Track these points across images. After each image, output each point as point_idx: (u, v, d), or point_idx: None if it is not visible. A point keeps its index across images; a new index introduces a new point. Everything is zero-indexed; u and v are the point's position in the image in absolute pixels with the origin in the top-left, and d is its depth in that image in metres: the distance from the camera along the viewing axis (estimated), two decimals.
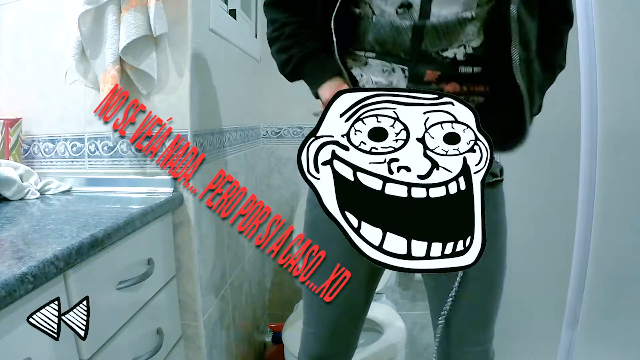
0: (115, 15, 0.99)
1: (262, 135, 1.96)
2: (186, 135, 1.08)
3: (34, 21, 1.14)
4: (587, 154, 0.82)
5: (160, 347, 0.94)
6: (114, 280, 0.81)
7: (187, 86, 1.07)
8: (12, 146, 1.11)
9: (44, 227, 0.76)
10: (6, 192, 0.97)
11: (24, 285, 0.55)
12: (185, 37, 1.06)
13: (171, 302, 1.08)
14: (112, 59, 0.99)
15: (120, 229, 0.80)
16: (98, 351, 0.74)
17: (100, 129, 1.11)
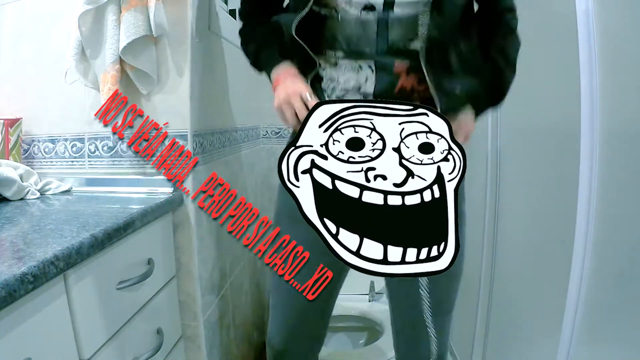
0: (115, 15, 0.99)
1: (262, 135, 1.96)
2: (186, 135, 1.08)
3: (34, 21, 1.14)
4: (587, 154, 0.82)
5: (160, 347, 0.94)
6: (114, 280, 0.81)
7: (187, 86, 1.07)
8: (12, 146, 1.11)
9: (44, 227, 0.76)
10: (6, 192, 0.97)
11: (24, 285, 0.55)
12: (185, 37, 1.06)
13: (171, 302, 1.08)
14: (112, 59, 0.99)
15: (120, 229, 0.80)
16: (98, 351, 0.74)
17: (100, 129, 1.11)
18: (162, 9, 1.01)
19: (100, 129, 1.11)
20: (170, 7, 1.04)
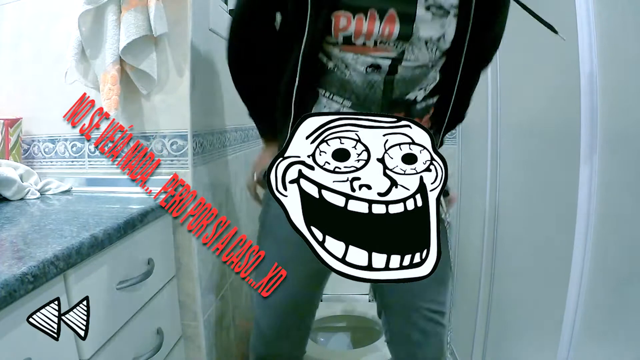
0: (115, 15, 0.99)
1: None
2: (186, 135, 1.08)
3: (34, 21, 1.14)
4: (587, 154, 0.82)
5: (160, 347, 0.94)
6: (114, 280, 0.81)
7: (187, 86, 1.07)
8: (12, 146, 1.11)
9: (44, 227, 0.76)
10: (6, 192, 0.97)
11: (24, 285, 0.55)
12: (185, 37, 1.06)
13: (171, 302, 1.08)
14: (112, 58, 0.99)
15: (120, 229, 0.80)
16: (98, 351, 0.74)
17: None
18: (162, 9, 1.01)
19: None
20: (170, 7, 1.04)
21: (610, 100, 0.79)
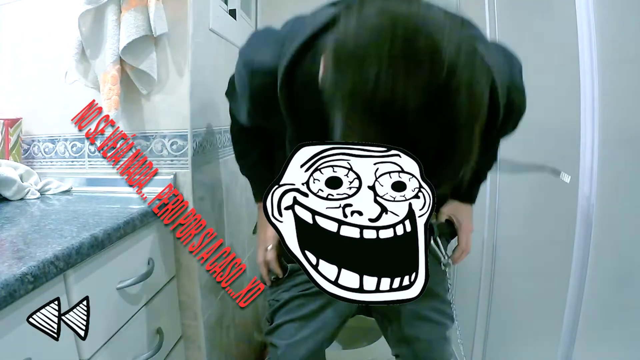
0: (115, 15, 0.99)
1: None
2: (186, 135, 1.08)
3: (33, 21, 1.14)
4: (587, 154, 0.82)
5: (160, 347, 0.94)
6: (114, 280, 0.81)
7: (187, 86, 1.07)
8: (12, 146, 1.11)
9: (44, 227, 0.76)
10: (6, 192, 0.97)
11: (24, 285, 0.55)
12: (185, 37, 1.06)
13: (171, 302, 1.08)
14: (112, 58, 0.99)
15: (120, 229, 0.80)
16: (98, 351, 0.74)
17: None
18: (162, 9, 1.01)
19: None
20: (170, 7, 1.04)
21: (610, 100, 0.79)
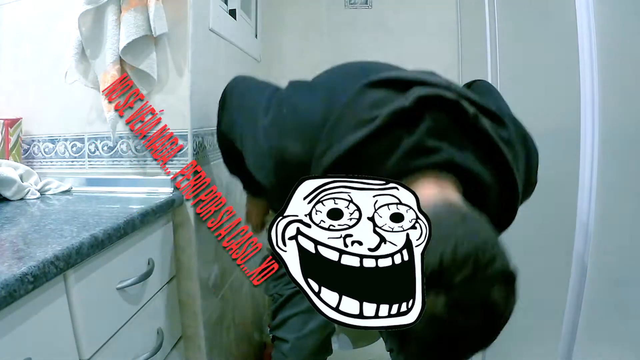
0: (115, 15, 0.99)
1: None
2: (186, 135, 1.08)
3: (33, 21, 1.14)
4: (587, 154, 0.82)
5: (160, 347, 0.93)
6: (114, 280, 0.81)
7: (187, 86, 1.07)
8: (12, 146, 1.11)
9: (44, 227, 0.76)
10: (6, 192, 0.97)
11: (24, 285, 0.55)
12: (185, 37, 1.06)
13: (171, 302, 1.08)
14: (112, 58, 0.99)
15: (120, 229, 0.80)
16: (98, 351, 0.74)
17: (100, 129, 1.11)
18: (162, 9, 1.01)
19: (100, 128, 1.11)
20: (170, 7, 1.04)
21: (610, 100, 0.79)
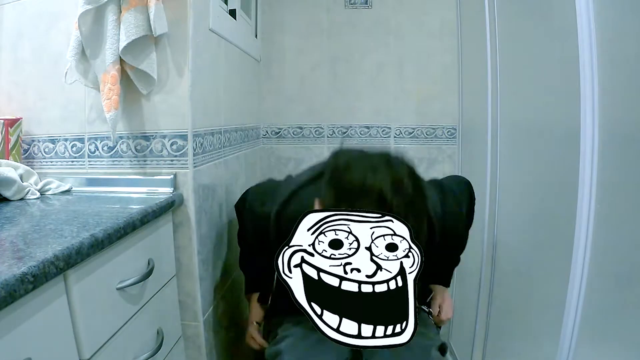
0: (115, 15, 0.99)
1: (262, 135, 1.96)
2: (186, 135, 1.08)
3: (33, 21, 1.14)
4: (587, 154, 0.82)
5: (160, 347, 0.94)
6: (114, 280, 0.81)
7: (187, 86, 1.07)
8: (12, 146, 1.11)
9: (44, 227, 0.76)
10: (6, 192, 0.97)
11: (24, 285, 0.55)
12: (185, 37, 1.06)
13: (171, 302, 1.08)
14: (112, 58, 0.99)
15: (120, 229, 0.80)
16: (98, 351, 0.74)
17: (100, 129, 1.11)
18: (162, 9, 1.01)
19: (100, 128, 1.11)
20: (170, 7, 1.04)
21: (610, 100, 0.79)
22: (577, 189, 0.84)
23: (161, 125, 1.09)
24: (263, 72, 1.92)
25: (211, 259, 1.24)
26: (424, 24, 1.92)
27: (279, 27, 1.94)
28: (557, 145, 0.98)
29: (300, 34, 1.93)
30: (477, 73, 1.57)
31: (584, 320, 0.85)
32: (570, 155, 0.86)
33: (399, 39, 1.92)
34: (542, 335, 1.01)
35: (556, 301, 0.90)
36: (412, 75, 1.93)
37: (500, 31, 1.33)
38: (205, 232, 1.19)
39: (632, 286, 0.73)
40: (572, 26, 0.86)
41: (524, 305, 1.17)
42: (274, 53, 1.94)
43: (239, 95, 1.58)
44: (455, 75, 1.90)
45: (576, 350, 0.86)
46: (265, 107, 1.95)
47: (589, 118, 0.82)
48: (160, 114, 1.09)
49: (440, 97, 1.93)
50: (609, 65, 0.79)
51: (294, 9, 1.94)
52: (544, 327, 1.00)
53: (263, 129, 1.97)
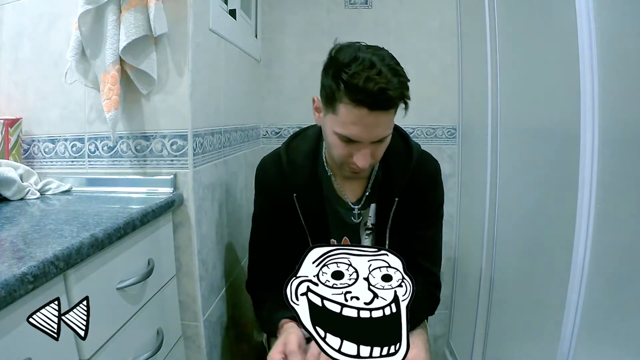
0: (115, 15, 0.99)
1: (262, 135, 1.96)
2: (186, 135, 1.08)
3: (34, 21, 1.14)
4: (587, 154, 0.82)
5: (160, 347, 0.94)
6: (114, 280, 0.81)
7: (187, 86, 1.07)
8: (12, 146, 1.11)
9: (44, 227, 0.76)
10: (6, 192, 0.97)
11: (24, 285, 0.55)
12: (185, 37, 1.07)
13: (171, 302, 1.08)
14: (112, 58, 0.99)
15: (120, 229, 0.80)
16: (98, 351, 0.74)
17: (100, 129, 1.11)
18: (162, 9, 1.01)
19: (100, 128, 1.11)
20: (170, 7, 1.04)
21: (610, 100, 0.79)
22: (577, 189, 0.84)
23: (161, 125, 1.09)
24: (263, 72, 1.92)
25: (211, 259, 1.24)
26: (424, 24, 1.92)
27: (279, 27, 1.94)
28: (557, 145, 0.98)
29: (300, 34, 1.93)
30: (477, 73, 1.57)
31: (584, 320, 0.85)
32: (570, 155, 0.86)
33: (399, 39, 1.92)
34: (542, 336, 1.01)
35: (556, 301, 0.90)
36: (412, 75, 1.91)
37: (500, 31, 1.33)
38: (205, 232, 1.19)
39: (632, 286, 0.73)
40: (572, 26, 0.86)
41: (524, 305, 1.17)
42: (274, 53, 1.94)
43: (239, 95, 1.58)
44: (455, 76, 1.90)
45: (576, 350, 0.86)
46: (265, 107, 1.95)
47: (589, 118, 0.82)
48: (160, 114, 1.09)
49: (440, 97, 1.93)
50: (609, 65, 0.79)
51: (294, 9, 1.94)
52: (544, 327, 1.00)
53: (263, 129, 1.97)
